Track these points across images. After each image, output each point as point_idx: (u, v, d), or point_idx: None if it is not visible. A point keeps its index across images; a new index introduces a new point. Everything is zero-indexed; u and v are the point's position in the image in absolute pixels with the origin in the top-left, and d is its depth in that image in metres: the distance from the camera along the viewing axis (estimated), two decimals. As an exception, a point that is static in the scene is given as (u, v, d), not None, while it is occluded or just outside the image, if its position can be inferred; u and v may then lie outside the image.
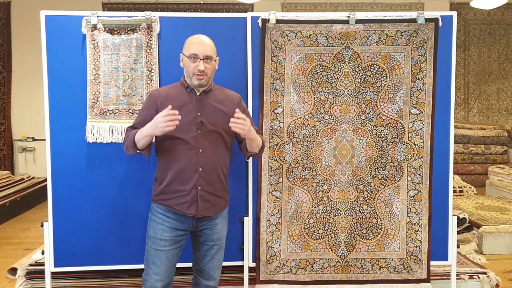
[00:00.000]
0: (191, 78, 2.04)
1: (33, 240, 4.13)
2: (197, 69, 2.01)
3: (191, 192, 2.03)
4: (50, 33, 2.40)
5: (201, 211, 2.04)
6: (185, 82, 2.09)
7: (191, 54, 2.02)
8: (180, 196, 2.03)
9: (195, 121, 2.04)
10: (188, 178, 2.03)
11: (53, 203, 2.46)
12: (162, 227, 2.05)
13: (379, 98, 2.48)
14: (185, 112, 2.01)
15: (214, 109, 2.08)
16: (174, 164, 2.03)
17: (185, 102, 2.06)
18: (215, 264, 2.16)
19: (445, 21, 2.48)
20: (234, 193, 2.53)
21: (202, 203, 2.04)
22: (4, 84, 6.71)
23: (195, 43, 2.05)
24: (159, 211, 2.06)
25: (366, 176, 2.51)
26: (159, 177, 2.09)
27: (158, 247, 2.04)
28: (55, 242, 2.47)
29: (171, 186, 2.04)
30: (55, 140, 2.43)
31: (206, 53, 2.02)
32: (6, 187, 5.25)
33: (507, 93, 7.37)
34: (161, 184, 2.06)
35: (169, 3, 6.81)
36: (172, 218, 2.05)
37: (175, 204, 2.04)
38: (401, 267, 2.53)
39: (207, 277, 2.16)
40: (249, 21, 2.48)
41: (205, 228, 2.11)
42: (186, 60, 2.05)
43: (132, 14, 2.44)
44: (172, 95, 2.07)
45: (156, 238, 2.04)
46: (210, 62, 2.04)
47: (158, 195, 2.07)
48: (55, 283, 2.63)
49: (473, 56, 7.31)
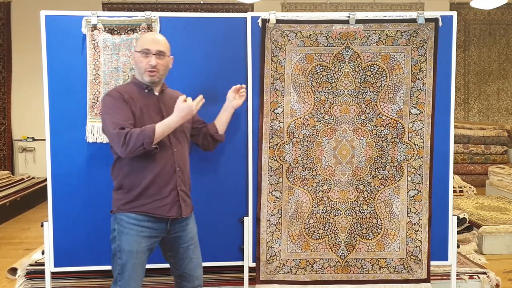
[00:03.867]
0: (143, 74, 2.00)
1: (33, 240, 4.13)
2: (149, 64, 1.97)
3: (171, 193, 1.99)
4: (50, 33, 2.40)
5: (183, 212, 2.03)
6: (138, 81, 2.04)
7: (143, 49, 1.99)
8: (159, 199, 1.96)
9: None
10: (168, 179, 1.99)
11: (53, 203, 2.46)
12: (137, 238, 1.95)
13: (379, 98, 2.48)
14: (152, 113, 1.99)
15: (173, 108, 2.06)
16: (150, 167, 1.95)
17: (148, 103, 2.01)
18: (194, 263, 2.12)
19: (445, 21, 2.48)
20: (234, 193, 2.55)
21: (183, 203, 2.03)
22: (4, 84, 6.71)
23: (148, 38, 2.03)
24: (131, 222, 1.95)
25: (366, 176, 2.51)
26: (128, 184, 1.97)
27: (136, 260, 1.95)
28: (55, 242, 2.47)
29: (149, 190, 1.95)
30: (55, 140, 2.43)
31: (159, 48, 2.00)
32: (6, 187, 5.25)
33: (507, 93, 7.37)
34: (133, 191, 1.95)
35: (169, 3, 6.81)
36: (146, 227, 1.96)
37: (154, 208, 1.96)
38: (401, 267, 2.53)
39: (190, 279, 2.12)
40: (249, 21, 2.48)
41: (178, 231, 2.07)
42: (137, 56, 2.01)
43: (132, 14, 2.44)
44: (134, 96, 1.99)
45: (133, 250, 1.94)
46: (163, 58, 2.01)
47: (129, 203, 1.96)
48: (55, 283, 2.63)
49: (473, 56, 7.31)
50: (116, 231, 1.97)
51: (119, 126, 1.88)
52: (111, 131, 1.89)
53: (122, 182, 1.98)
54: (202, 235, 2.53)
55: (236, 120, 2.51)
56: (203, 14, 2.55)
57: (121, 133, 1.87)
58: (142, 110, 1.97)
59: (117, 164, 2.01)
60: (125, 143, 1.86)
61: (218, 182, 2.53)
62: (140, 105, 1.98)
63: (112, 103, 1.94)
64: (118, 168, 2.00)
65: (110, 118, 1.91)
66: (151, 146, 1.89)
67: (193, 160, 2.50)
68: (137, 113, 1.96)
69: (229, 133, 2.51)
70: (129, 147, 1.86)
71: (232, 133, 2.51)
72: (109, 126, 1.90)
